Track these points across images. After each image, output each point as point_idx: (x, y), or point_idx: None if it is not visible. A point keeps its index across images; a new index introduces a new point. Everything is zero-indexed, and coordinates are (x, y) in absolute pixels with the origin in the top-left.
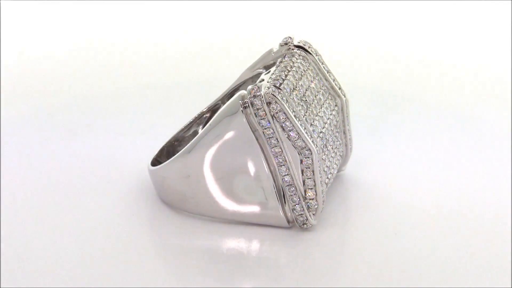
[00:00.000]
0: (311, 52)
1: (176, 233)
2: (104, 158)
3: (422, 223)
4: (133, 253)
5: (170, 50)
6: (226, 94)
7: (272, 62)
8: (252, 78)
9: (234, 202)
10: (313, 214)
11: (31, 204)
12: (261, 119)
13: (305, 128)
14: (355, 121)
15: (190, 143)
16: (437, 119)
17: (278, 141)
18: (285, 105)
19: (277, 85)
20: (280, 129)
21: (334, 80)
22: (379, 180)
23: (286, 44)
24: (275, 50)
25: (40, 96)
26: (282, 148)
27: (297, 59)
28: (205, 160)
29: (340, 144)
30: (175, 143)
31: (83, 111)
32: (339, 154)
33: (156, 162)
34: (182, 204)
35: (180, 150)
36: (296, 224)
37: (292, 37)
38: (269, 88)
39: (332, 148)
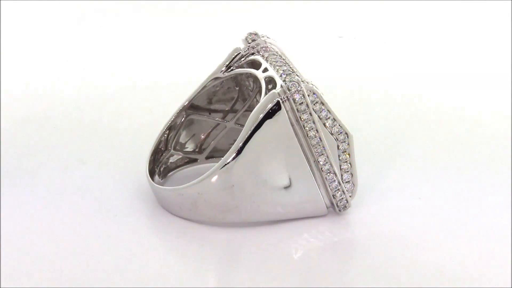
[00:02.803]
0: (275, 45)
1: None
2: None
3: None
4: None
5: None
6: (188, 103)
7: (250, 60)
8: (225, 79)
9: (278, 202)
10: (350, 196)
11: (31, 208)
12: (303, 113)
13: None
14: None
15: (228, 152)
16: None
17: (317, 132)
18: (321, 96)
19: (301, 77)
20: (317, 119)
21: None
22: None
23: (253, 40)
24: (241, 47)
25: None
26: (321, 137)
27: (275, 52)
28: (249, 165)
29: None
30: (152, 157)
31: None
32: None
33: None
34: (221, 217)
35: (162, 162)
36: (336, 209)
37: (256, 32)
38: (303, 82)
39: None
